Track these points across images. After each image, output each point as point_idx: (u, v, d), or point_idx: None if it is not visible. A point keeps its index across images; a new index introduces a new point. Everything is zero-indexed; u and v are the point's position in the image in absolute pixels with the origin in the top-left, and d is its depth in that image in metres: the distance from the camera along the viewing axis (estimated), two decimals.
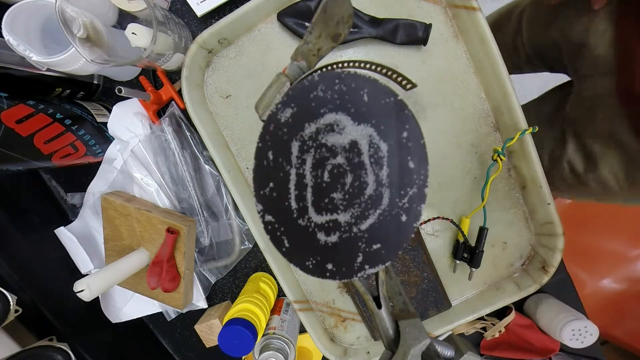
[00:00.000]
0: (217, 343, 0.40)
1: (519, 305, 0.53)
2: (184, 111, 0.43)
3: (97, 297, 0.45)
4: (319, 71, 0.29)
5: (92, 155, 0.43)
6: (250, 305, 0.42)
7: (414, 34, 0.38)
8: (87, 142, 0.42)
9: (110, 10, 0.35)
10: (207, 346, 0.49)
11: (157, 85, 0.44)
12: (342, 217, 0.19)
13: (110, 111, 0.44)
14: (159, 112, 0.44)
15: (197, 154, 0.44)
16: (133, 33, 0.32)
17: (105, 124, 0.43)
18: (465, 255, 0.42)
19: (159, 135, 0.43)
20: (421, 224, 0.44)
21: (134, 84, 0.45)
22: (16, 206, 0.46)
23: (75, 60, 0.33)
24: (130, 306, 0.50)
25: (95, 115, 0.43)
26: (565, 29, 0.45)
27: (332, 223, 0.20)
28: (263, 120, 0.21)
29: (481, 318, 0.52)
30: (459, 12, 0.38)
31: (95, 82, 0.44)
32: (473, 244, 0.42)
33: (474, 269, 0.42)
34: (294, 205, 0.20)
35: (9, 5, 0.32)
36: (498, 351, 0.53)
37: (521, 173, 0.41)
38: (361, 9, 0.39)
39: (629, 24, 0.39)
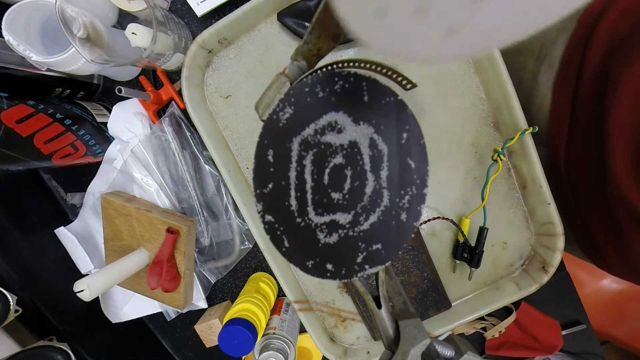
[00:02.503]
0: (217, 343, 0.40)
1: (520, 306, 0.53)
2: (184, 111, 0.43)
3: (97, 297, 0.45)
4: (319, 71, 0.29)
5: (92, 155, 0.43)
6: (250, 305, 0.42)
7: None
8: (87, 142, 0.42)
9: (110, 10, 0.35)
10: (207, 346, 0.49)
11: (157, 85, 0.44)
12: (342, 217, 0.19)
13: (110, 111, 0.44)
14: (159, 112, 0.44)
15: (197, 154, 0.44)
16: (133, 33, 0.32)
17: (105, 124, 0.43)
18: (465, 255, 0.42)
19: (159, 135, 0.43)
20: (421, 224, 0.44)
21: (134, 84, 0.45)
22: (16, 206, 0.46)
23: (75, 60, 0.33)
24: (130, 306, 0.50)
25: (95, 115, 0.43)
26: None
27: (332, 223, 0.20)
28: (263, 120, 0.21)
29: (481, 318, 0.52)
30: None
31: (95, 82, 0.44)
32: (473, 244, 0.42)
33: (474, 269, 0.42)
34: (294, 205, 0.20)
35: (9, 5, 0.32)
36: (503, 350, 0.53)
37: (521, 173, 0.41)
38: None
39: (564, 96, 0.39)
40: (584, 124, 0.37)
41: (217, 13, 0.41)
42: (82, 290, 0.34)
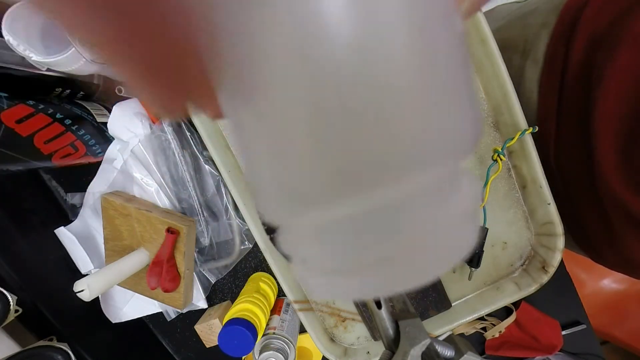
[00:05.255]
0: (217, 343, 0.40)
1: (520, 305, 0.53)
2: None
3: (97, 297, 0.45)
4: None
5: (92, 155, 0.43)
6: (250, 305, 0.42)
7: None
8: (87, 142, 0.42)
9: None
10: (207, 346, 0.49)
11: None
12: None
13: (110, 111, 0.44)
14: None
15: (197, 154, 0.44)
16: None
17: (105, 124, 0.43)
18: None
19: (159, 135, 0.43)
20: None
21: None
22: (16, 206, 0.46)
23: (75, 60, 0.33)
24: (130, 306, 0.50)
25: (95, 115, 0.43)
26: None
27: None
28: None
29: (481, 318, 0.52)
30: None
31: (95, 82, 0.44)
32: None
33: (474, 269, 0.42)
34: None
35: (9, 6, 0.32)
36: (503, 350, 0.53)
37: (521, 173, 0.41)
38: None
39: (550, 92, 0.39)
40: (571, 118, 0.37)
41: None
42: (82, 290, 0.34)
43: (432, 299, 0.44)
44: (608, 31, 0.32)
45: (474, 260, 0.41)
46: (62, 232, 0.46)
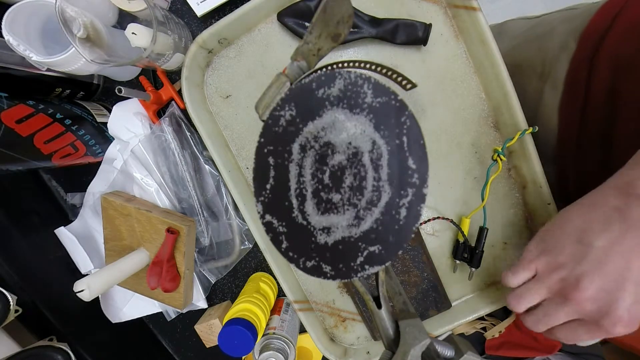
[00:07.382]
0: (217, 343, 0.40)
1: None
2: (184, 111, 0.43)
3: (97, 297, 0.45)
4: (319, 71, 0.29)
5: (92, 155, 0.43)
6: (250, 305, 0.42)
7: (414, 34, 0.38)
8: (87, 142, 0.42)
9: (110, 10, 0.35)
10: (207, 346, 0.49)
11: (157, 85, 0.44)
12: (342, 217, 0.19)
13: (110, 111, 0.44)
14: (159, 112, 0.44)
15: (197, 154, 0.44)
16: (133, 33, 0.32)
17: (105, 124, 0.43)
18: (465, 255, 0.42)
19: (159, 135, 0.43)
20: (421, 224, 0.44)
21: (134, 84, 0.45)
22: (16, 206, 0.46)
23: (75, 60, 0.33)
24: (130, 306, 0.50)
25: (95, 115, 0.43)
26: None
27: (331, 223, 0.20)
28: (263, 120, 0.21)
29: (481, 318, 0.52)
30: (459, 12, 0.38)
31: (95, 82, 0.44)
32: (473, 244, 0.42)
33: (474, 269, 0.42)
34: (294, 205, 0.20)
35: (9, 5, 0.32)
36: (503, 350, 0.53)
37: (521, 173, 0.41)
38: (361, 9, 0.39)
39: (571, 117, 0.38)
40: (592, 145, 0.36)
41: (217, 13, 0.41)
42: (82, 290, 0.34)
43: (432, 299, 0.44)
44: (634, 58, 0.31)
45: (474, 260, 0.41)
46: (62, 232, 0.46)
